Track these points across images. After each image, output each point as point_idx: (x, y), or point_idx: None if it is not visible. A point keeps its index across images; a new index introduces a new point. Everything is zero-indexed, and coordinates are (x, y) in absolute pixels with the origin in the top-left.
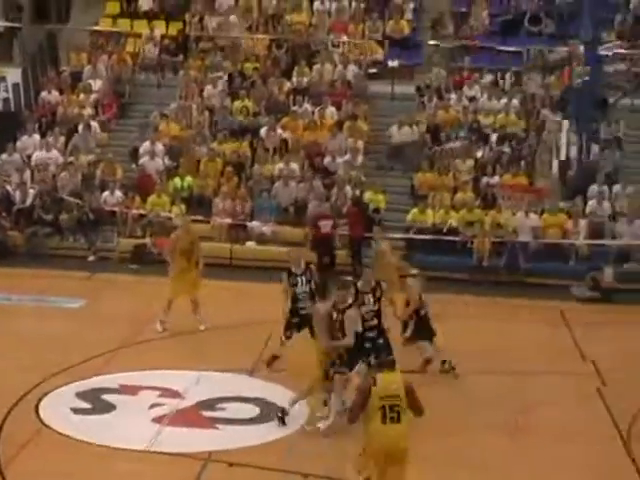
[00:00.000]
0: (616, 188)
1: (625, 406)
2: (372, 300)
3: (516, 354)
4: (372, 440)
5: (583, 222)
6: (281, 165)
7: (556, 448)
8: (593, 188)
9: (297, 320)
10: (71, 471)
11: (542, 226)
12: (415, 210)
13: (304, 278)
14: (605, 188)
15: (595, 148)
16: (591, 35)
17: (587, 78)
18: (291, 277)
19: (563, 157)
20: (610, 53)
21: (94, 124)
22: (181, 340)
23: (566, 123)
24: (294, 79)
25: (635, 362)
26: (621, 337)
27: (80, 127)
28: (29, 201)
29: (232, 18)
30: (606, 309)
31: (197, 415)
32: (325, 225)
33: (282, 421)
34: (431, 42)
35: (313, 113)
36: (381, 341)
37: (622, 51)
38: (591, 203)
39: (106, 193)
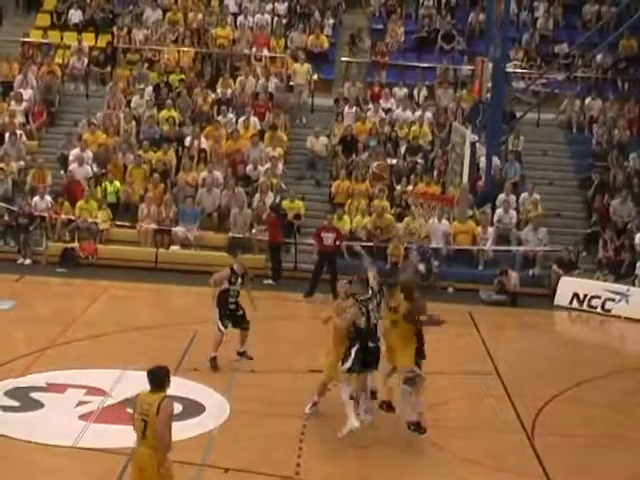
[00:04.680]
0: (522, 197)
1: (529, 403)
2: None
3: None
4: None
5: (491, 229)
6: (205, 173)
7: (458, 443)
8: (501, 197)
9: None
10: None
11: (453, 232)
12: (333, 216)
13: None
14: (512, 197)
15: (496, 160)
16: (499, 53)
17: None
18: (361, 302)
19: (470, 168)
20: (516, 70)
21: (20, 132)
22: (107, 340)
23: (475, 136)
24: (218, 90)
25: (537, 362)
26: (525, 338)
27: (7, 135)
28: None
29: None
30: (512, 312)
31: (123, 412)
32: (327, 238)
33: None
34: (344, 58)
35: (236, 123)
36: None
37: (519, 70)
38: (499, 211)
39: (36, 198)
